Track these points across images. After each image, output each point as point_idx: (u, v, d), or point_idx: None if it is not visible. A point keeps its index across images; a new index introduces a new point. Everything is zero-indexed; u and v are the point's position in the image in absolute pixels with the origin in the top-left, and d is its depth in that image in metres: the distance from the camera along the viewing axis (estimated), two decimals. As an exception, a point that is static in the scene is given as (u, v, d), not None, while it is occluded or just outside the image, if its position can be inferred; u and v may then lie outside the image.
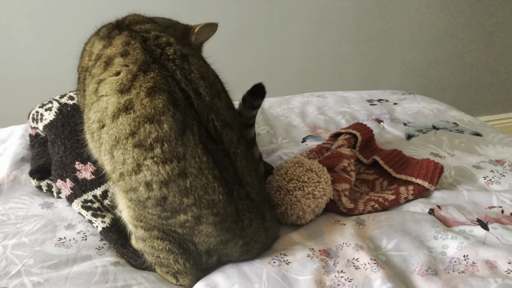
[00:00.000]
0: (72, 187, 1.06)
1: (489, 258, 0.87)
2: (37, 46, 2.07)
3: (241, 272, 0.85)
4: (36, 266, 0.87)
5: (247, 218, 0.83)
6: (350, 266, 0.86)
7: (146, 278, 0.86)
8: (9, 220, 1.00)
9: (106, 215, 1.00)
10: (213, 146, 0.78)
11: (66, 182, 1.07)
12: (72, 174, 1.07)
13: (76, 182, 1.06)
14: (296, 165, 1.00)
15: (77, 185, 1.06)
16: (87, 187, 1.06)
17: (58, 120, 1.17)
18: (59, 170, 1.09)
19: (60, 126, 1.15)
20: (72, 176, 1.07)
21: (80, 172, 1.08)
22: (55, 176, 1.09)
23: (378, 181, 1.17)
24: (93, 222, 0.99)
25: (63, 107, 1.20)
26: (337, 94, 1.83)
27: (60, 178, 1.08)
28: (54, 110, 1.19)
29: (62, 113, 1.18)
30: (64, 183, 1.07)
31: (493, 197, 1.06)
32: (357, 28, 2.51)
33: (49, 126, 1.17)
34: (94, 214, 1.00)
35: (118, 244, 0.94)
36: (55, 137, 1.14)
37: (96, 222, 0.99)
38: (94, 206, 1.02)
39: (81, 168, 1.08)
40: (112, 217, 0.99)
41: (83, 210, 1.02)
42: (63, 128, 1.15)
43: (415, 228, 0.95)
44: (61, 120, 1.17)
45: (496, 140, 1.39)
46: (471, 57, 2.77)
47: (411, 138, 1.41)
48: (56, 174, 1.09)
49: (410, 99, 1.78)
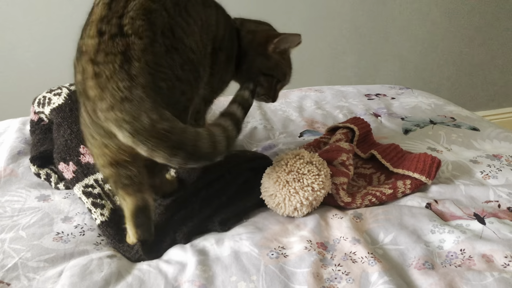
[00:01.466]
0: (75, 170, 1.06)
1: (486, 252, 0.87)
2: (33, 40, 2.05)
3: (239, 263, 0.85)
4: (33, 259, 0.87)
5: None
6: (347, 259, 0.87)
7: (140, 269, 0.86)
8: (6, 213, 1.00)
9: (105, 205, 1.00)
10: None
11: (68, 165, 1.08)
12: (75, 157, 1.08)
13: (79, 165, 1.07)
14: (296, 157, 1.00)
15: (79, 168, 1.06)
16: (89, 170, 1.06)
17: (67, 105, 1.17)
18: (62, 153, 1.09)
19: (69, 111, 1.16)
20: (76, 159, 1.08)
21: (84, 156, 1.08)
22: (58, 159, 1.10)
23: (376, 175, 1.17)
24: (92, 213, 0.99)
25: (73, 94, 1.20)
26: (335, 88, 1.82)
27: (63, 161, 1.09)
28: (63, 95, 1.20)
29: (72, 99, 1.19)
30: (67, 166, 1.08)
31: (490, 191, 1.06)
32: (355, 23, 2.51)
33: (57, 109, 1.17)
34: (93, 203, 1.00)
35: (116, 239, 0.94)
36: (62, 120, 1.14)
37: (95, 214, 0.98)
38: (95, 192, 1.03)
39: (85, 152, 1.09)
40: (112, 208, 0.99)
41: (83, 196, 1.02)
42: (71, 113, 1.15)
43: (412, 222, 0.96)
44: (70, 105, 1.17)
45: (493, 135, 1.39)
46: (468, 52, 2.77)
47: (409, 132, 1.41)
48: (59, 157, 1.10)
49: (407, 93, 1.78)
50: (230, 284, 0.81)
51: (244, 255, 0.87)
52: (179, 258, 0.89)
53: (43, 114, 1.21)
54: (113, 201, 1.01)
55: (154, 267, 0.86)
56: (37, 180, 1.14)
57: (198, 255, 0.88)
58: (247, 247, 0.89)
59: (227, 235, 0.94)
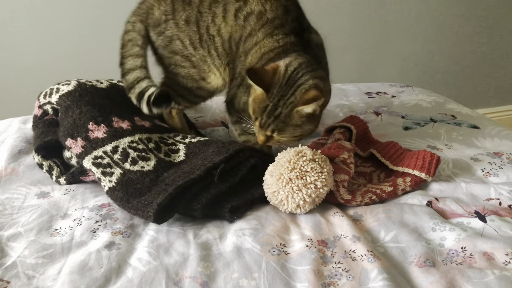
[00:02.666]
0: (83, 145, 1.08)
1: (487, 250, 0.87)
2: (34, 38, 2.05)
3: (242, 259, 0.85)
4: (32, 256, 0.86)
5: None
6: (347, 257, 0.86)
7: (140, 259, 0.86)
8: (5, 211, 1.00)
9: (114, 172, 1.03)
10: None
11: (77, 141, 1.09)
12: (84, 133, 1.10)
13: (87, 140, 1.09)
14: (299, 154, 1.00)
15: (88, 143, 1.08)
16: (98, 144, 1.08)
17: (77, 91, 1.18)
18: (70, 130, 1.11)
19: (78, 95, 1.17)
20: (84, 135, 1.09)
21: (92, 132, 1.10)
22: (64, 136, 1.11)
23: (375, 173, 1.17)
24: (101, 181, 1.03)
25: (82, 84, 1.22)
26: (335, 86, 1.82)
27: (70, 137, 1.10)
28: (73, 84, 1.21)
29: (81, 87, 1.20)
30: (75, 142, 1.09)
31: (491, 189, 1.06)
32: (356, 20, 2.50)
33: (66, 94, 1.18)
34: (103, 172, 1.04)
35: (124, 200, 0.98)
36: (71, 103, 1.16)
37: (104, 182, 1.02)
38: (104, 162, 1.05)
39: (94, 128, 1.10)
40: (121, 172, 1.03)
41: (93, 167, 1.05)
42: (81, 97, 1.17)
43: (413, 220, 0.95)
44: (80, 91, 1.18)
45: (494, 132, 1.39)
46: (469, 50, 2.77)
47: (409, 130, 1.41)
48: (66, 133, 1.11)
49: (408, 91, 1.77)
50: (231, 281, 0.81)
51: (246, 252, 0.87)
52: (181, 249, 0.89)
53: (48, 105, 1.21)
54: (123, 167, 1.04)
55: (154, 257, 0.86)
56: (38, 177, 1.13)
57: (201, 250, 0.88)
58: (249, 243, 0.89)
59: (230, 230, 0.94)
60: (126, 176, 1.02)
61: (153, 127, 1.20)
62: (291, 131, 1.09)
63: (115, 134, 1.10)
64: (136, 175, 1.02)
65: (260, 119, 1.08)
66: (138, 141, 1.11)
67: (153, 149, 1.12)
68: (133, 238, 0.92)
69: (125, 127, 1.13)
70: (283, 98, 1.06)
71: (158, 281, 0.81)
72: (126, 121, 1.16)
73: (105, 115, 1.14)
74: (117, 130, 1.11)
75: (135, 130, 1.14)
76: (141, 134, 1.14)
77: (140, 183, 1.01)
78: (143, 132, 1.15)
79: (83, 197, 1.05)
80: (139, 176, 1.02)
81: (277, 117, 1.06)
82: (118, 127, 1.12)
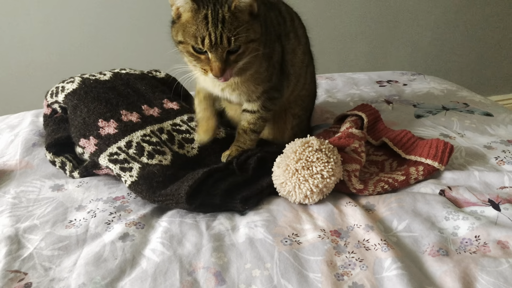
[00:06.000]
0: (96, 143, 1.09)
1: (501, 239, 0.86)
2: (46, 33, 2.06)
3: (254, 250, 0.86)
4: (48, 248, 0.88)
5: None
6: (361, 247, 0.86)
7: (153, 250, 0.87)
8: (21, 204, 1.01)
9: (133, 167, 1.04)
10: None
11: (89, 140, 1.10)
12: (95, 131, 1.10)
13: (99, 138, 1.09)
14: (305, 145, 1.00)
15: (100, 140, 1.09)
16: (111, 140, 1.09)
17: (81, 89, 1.19)
18: (81, 130, 1.12)
19: (84, 93, 1.18)
20: (96, 133, 1.10)
21: (103, 128, 1.11)
22: (78, 136, 1.12)
23: (388, 162, 1.16)
24: (121, 177, 1.04)
25: (86, 80, 1.23)
26: (346, 75, 1.81)
27: (83, 137, 1.11)
28: (77, 82, 1.22)
29: (85, 84, 1.21)
30: (88, 141, 1.10)
31: (504, 177, 1.05)
32: (365, 8, 2.48)
33: (72, 93, 1.19)
34: (121, 167, 1.04)
35: (150, 192, 0.98)
36: (78, 102, 1.16)
37: (125, 177, 1.03)
38: (120, 158, 1.06)
39: (104, 125, 1.11)
40: (140, 167, 1.04)
41: (110, 164, 1.06)
42: (86, 94, 1.18)
43: (426, 209, 0.95)
44: (84, 88, 1.19)
45: (507, 120, 1.37)
46: (480, 36, 2.73)
47: (421, 118, 1.40)
48: (79, 134, 1.12)
49: (419, 79, 1.76)
50: (244, 271, 0.81)
51: (259, 242, 0.88)
52: (194, 240, 0.89)
53: (56, 104, 1.21)
54: (140, 161, 1.05)
55: (168, 248, 0.87)
56: (52, 171, 1.15)
57: (214, 241, 0.88)
58: (261, 234, 0.90)
59: (242, 222, 0.94)
60: (146, 169, 1.03)
61: (163, 115, 1.20)
62: (244, 34, 0.96)
63: (126, 128, 1.11)
64: (156, 168, 1.03)
65: (208, 35, 0.95)
66: (150, 134, 1.12)
67: (167, 141, 1.13)
68: (146, 230, 0.93)
69: (134, 120, 1.14)
70: (217, 1, 0.95)
71: (172, 271, 0.82)
72: (135, 113, 1.16)
73: (113, 109, 1.15)
74: (127, 124, 1.12)
75: (145, 122, 1.15)
76: (152, 126, 1.14)
77: (162, 176, 1.02)
78: (154, 123, 1.16)
79: (97, 189, 1.06)
80: (160, 169, 1.03)
81: (223, 21, 0.95)
82: (127, 121, 1.13)
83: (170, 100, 1.26)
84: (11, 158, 1.19)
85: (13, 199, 1.03)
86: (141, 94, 1.24)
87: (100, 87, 1.21)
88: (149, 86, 1.28)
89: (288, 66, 1.17)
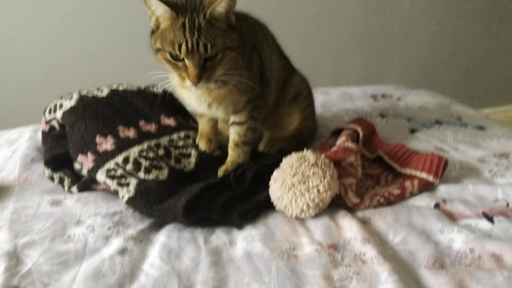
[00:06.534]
0: (94, 159, 1.10)
1: (495, 251, 0.88)
2: (44, 47, 2.08)
3: (252, 264, 0.86)
4: (46, 263, 0.88)
5: None
6: (358, 260, 0.87)
7: (152, 265, 0.87)
8: (20, 219, 1.01)
9: (130, 182, 1.05)
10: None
11: (87, 156, 1.11)
12: (93, 147, 1.12)
13: (97, 154, 1.11)
14: (301, 159, 1.01)
15: (98, 156, 1.10)
16: (108, 156, 1.10)
17: (79, 106, 1.20)
18: (79, 146, 1.13)
19: (81, 110, 1.19)
20: (93, 149, 1.11)
21: (100, 145, 1.12)
22: (75, 152, 1.13)
23: (383, 176, 1.18)
24: (119, 192, 1.04)
25: (84, 97, 1.24)
26: (340, 90, 1.83)
27: (81, 153, 1.12)
28: (74, 99, 1.23)
29: (83, 101, 1.22)
30: (86, 157, 1.11)
31: (498, 190, 1.06)
32: (359, 23, 2.51)
33: (70, 111, 1.20)
34: (119, 183, 1.05)
35: (147, 207, 0.99)
36: (76, 119, 1.17)
37: (122, 192, 1.04)
38: (118, 174, 1.07)
39: (101, 141, 1.12)
40: (137, 182, 1.04)
41: (108, 179, 1.06)
42: (84, 111, 1.19)
43: (421, 222, 0.96)
44: (82, 106, 1.20)
45: (499, 133, 1.39)
46: (472, 49, 2.77)
47: (415, 132, 1.41)
48: (77, 150, 1.13)
49: (413, 94, 1.78)
50: (242, 285, 0.82)
51: (256, 256, 0.88)
52: (192, 254, 0.90)
53: (54, 120, 1.22)
54: (137, 177, 1.06)
55: (166, 262, 0.87)
56: (50, 186, 1.15)
57: (212, 256, 0.89)
58: (259, 248, 0.90)
59: (240, 236, 0.95)
60: (143, 184, 1.04)
61: (160, 131, 1.21)
62: (221, 40, 1.00)
63: (124, 144, 1.12)
64: (153, 183, 1.05)
65: (185, 42, 0.97)
66: (147, 149, 1.13)
67: (164, 156, 1.14)
68: (145, 244, 0.94)
69: (132, 136, 1.15)
70: (195, 11, 0.98)
71: (171, 286, 0.82)
72: (132, 129, 1.17)
73: (110, 125, 1.16)
74: (124, 140, 1.13)
75: (142, 137, 1.16)
76: (149, 141, 1.15)
77: (159, 190, 1.03)
78: (151, 139, 1.17)
79: (95, 204, 1.07)
80: (156, 184, 1.05)
81: (199, 29, 0.97)
82: (125, 137, 1.14)
83: (167, 116, 1.27)
84: (10, 174, 1.19)
85: (11, 215, 1.03)
86: (138, 110, 1.26)
87: (98, 103, 1.22)
88: (147, 102, 1.29)
89: (267, 72, 1.20)
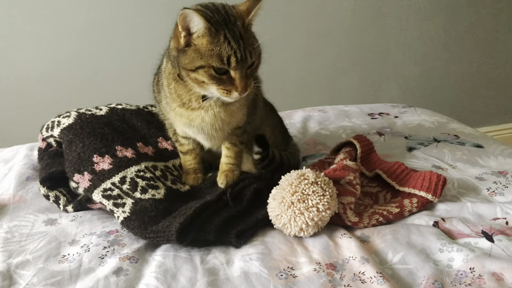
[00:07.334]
0: (91, 179, 1.09)
1: (496, 270, 0.87)
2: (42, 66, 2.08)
3: (249, 284, 0.85)
4: (40, 284, 0.86)
5: None
6: (357, 280, 0.86)
7: (147, 285, 0.86)
8: (13, 238, 1.00)
9: (126, 202, 1.04)
10: None
11: (84, 175, 1.10)
12: (90, 167, 1.10)
13: (94, 174, 1.09)
14: (301, 177, 1.00)
15: (95, 176, 1.09)
16: (105, 176, 1.09)
17: (77, 124, 1.20)
18: (76, 165, 1.12)
19: (79, 128, 1.19)
20: (90, 168, 1.10)
21: (98, 164, 1.11)
22: (72, 171, 1.12)
23: (382, 194, 1.17)
24: (114, 213, 1.03)
25: (82, 115, 1.23)
26: (338, 108, 1.84)
27: (77, 172, 1.11)
28: (73, 116, 1.23)
29: (81, 118, 1.22)
30: (82, 177, 1.10)
31: (497, 208, 1.06)
32: (356, 42, 2.54)
33: (67, 128, 1.19)
34: (114, 203, 1.04)
35: (141, 228, 0.98)
36: (73, 137, 1.17)
37: (117, 213, 1.02)
38: (114, 194, 1.06)
39: (99, 160, 1.11)
40: (133, 202, 1.03)
41: (104, 199, 1.05)
42: (82, 130, 1.18)
43: (420, 241, 0.95)
44: (80, 123, 1.20)
45: (497, 151, 1.39)
46: (468, 69, 2.79)
47: (413, 151, 1.41)
48: (73, 169, 1.11)
49: (410, 112, 1.79)
50: (240, 306, 0.81)
51: (254, 276, 0.87)
52: (188, 274, 0.89)
53: (51, 138, 1.22)
54: (133, 196, 1.05)
55: (162, 282, 0.86)
56: (45, 205, 1.14)
57: (208, 276, 0.88)
58: (256, 268, 0.89)
59: (237, 256, 0.94)
60: (138, 204, 1.03)
61: (157, 155, 1.21)
62: (257, 47, 1.01)
63: (121, 164, 1.11)
64: (149, 202, 1.03)
65: (234, 53, 0.96)
66: (144, 169, 1.12)
67: (160, 177, 1.13)
68: (140, 264, 0.92)
69: (129, 156, 1.15)
70: (229, 22, 0.97)
71: (167, 307, 0.81)
72: (130, 149, 1.17)
73: (108, 145, 1.15)
74: (122, 160, 1.13)
75: (140, 158, 1.15)
76: (146, 162, 1.15)
77: (154, 210, 1.02)
78: (148, 160, 1.16)
79: (90, 223, 1.06)
80: (152, 203, 1.03)
81: (242, 38, 0.97)
82: (122, 156, 1.14)
83: (165, 138, 1.27)
84: (5, 192, 1.19)
85: (5, 234, 1.02)
86: (136, 130, 1.25)
87: (96, 122, 1.21)
88: (145, 122, 1.29)
89: (259, 103, 1.22)
